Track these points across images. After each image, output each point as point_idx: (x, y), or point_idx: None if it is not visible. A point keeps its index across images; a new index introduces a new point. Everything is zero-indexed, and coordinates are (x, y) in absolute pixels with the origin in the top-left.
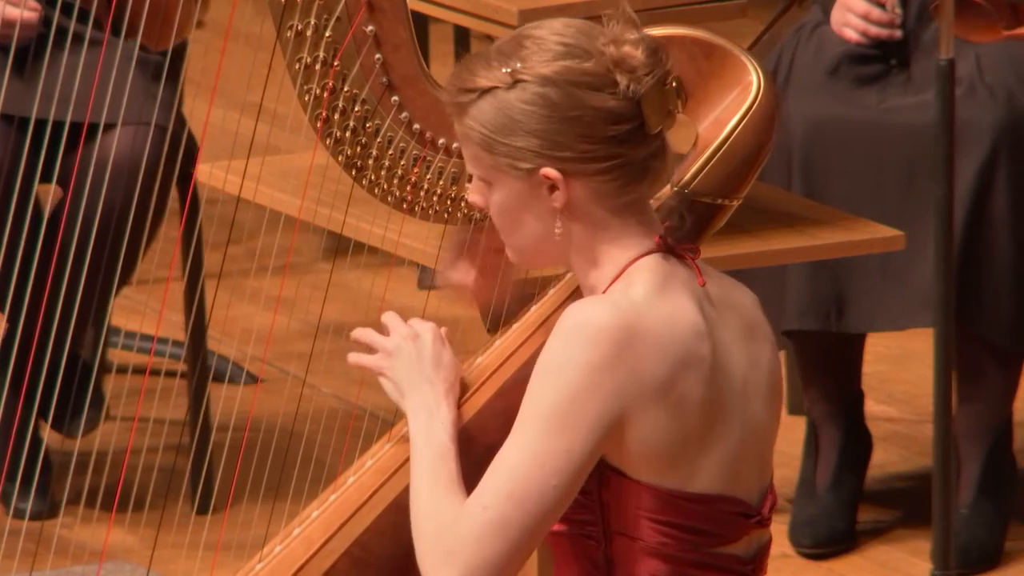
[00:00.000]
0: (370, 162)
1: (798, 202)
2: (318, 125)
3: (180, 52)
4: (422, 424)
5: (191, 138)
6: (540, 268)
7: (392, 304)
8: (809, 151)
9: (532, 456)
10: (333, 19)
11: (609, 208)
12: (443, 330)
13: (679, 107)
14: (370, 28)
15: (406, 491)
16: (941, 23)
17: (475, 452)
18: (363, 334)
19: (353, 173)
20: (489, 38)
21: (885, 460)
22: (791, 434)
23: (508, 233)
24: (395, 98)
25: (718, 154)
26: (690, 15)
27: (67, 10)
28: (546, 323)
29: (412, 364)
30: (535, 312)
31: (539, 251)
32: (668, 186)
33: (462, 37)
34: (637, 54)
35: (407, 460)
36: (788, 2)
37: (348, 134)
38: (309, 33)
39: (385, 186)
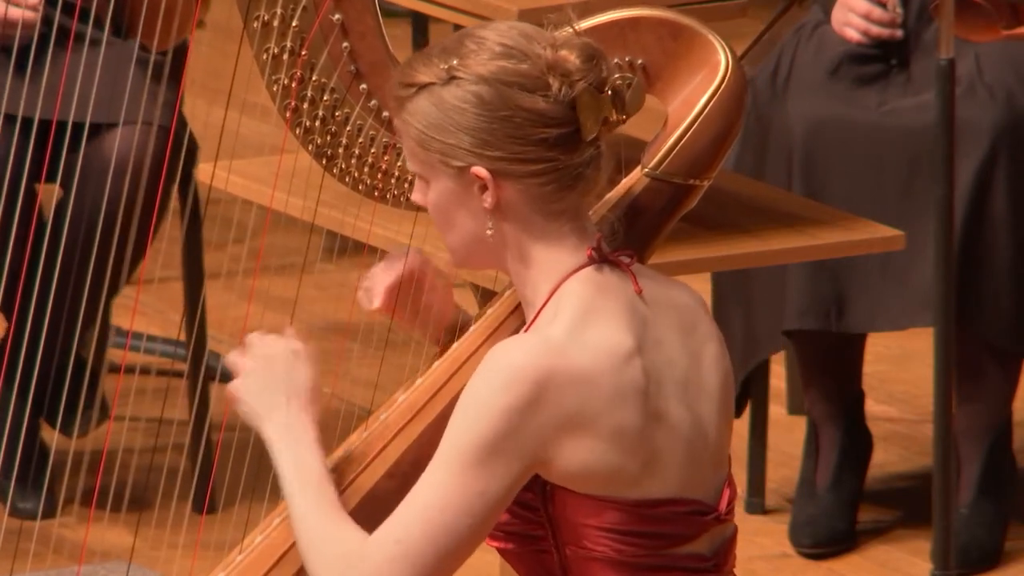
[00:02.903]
0: (340, 151)
1: (798, 202)
2: (287, 115)
3: (181, 52)
4: (289, 448)
5: (191, 138)
6: (477, 268)
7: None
8: (809, 151)
9: (447, 495)
10: (299, 8)
11: (542, 213)
12: (299, 347)
13: (616, 116)
14: (337, 16)
15: (381, 481)
16: (941, 23)
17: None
18: (229, 359)
19: (324, 162)
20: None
21: (885, 460)
22: (791, 434)
23: (443, 231)
24: (363, 86)
25: (687, 134)
26: (690, 15)
27: (68, 10)
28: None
29: (264, 385)
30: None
31: (472, 251)
32: (638, 168)
33: None
34: (572, 58)
35: (382, 450)
36: (788, 2)
37: (318, 123)
38: (276, 23)
39: (356, 174)
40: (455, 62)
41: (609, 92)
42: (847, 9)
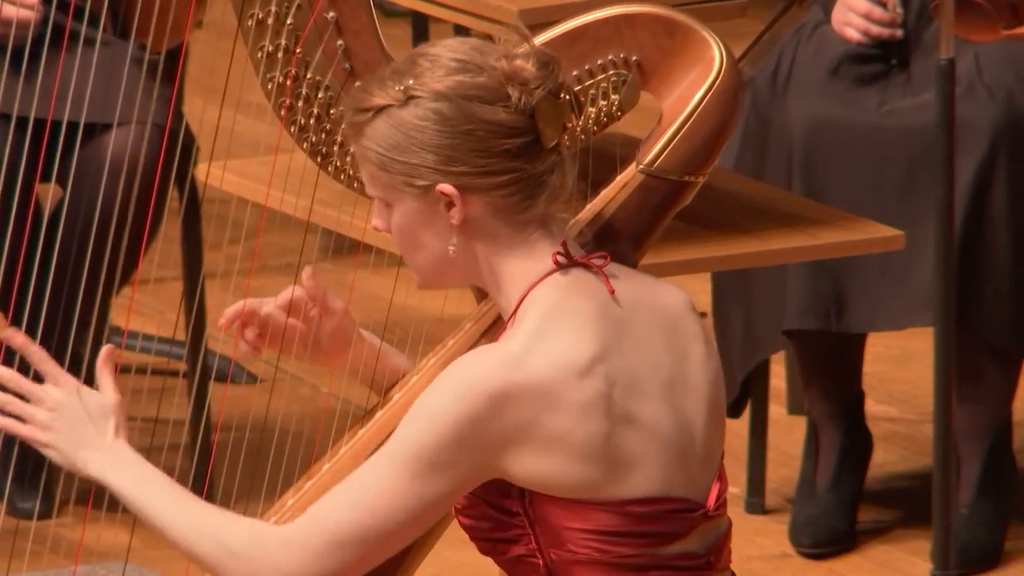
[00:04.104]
0: (335, 148)
1: (798, 202)
2: (282, 113)
3: (180, 51)
4: (124, 471)
5: (190, 137)
6: (446, 288)
7: (393, 304)
8: (809, 151)
9: (387, 493)
10: (294, 7)
11: (509, 224)
12: (72, 382)
13: (574, 121)
14: (331, 15)
15: None
16: (941, 23)
17: None
18: (6, 402)
19: (319, 160)
20: (489, 38)
21: (885, 460)
22: (791, 434)
23: (410, 254)
24: (358, 84)
25: (682, 131)
26: (689, 14)
27: (66, 9)
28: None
29: (71, 432)
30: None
31: (441, 271)
32: (633, 165)
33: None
34: (528, 67)
35: (381, 444)
36: (788, 2)
37: (312, 121)
38: (270, 21)
39: (350, 172)
40: (411, 82)
41: (567, 97)
42: (847, 9)
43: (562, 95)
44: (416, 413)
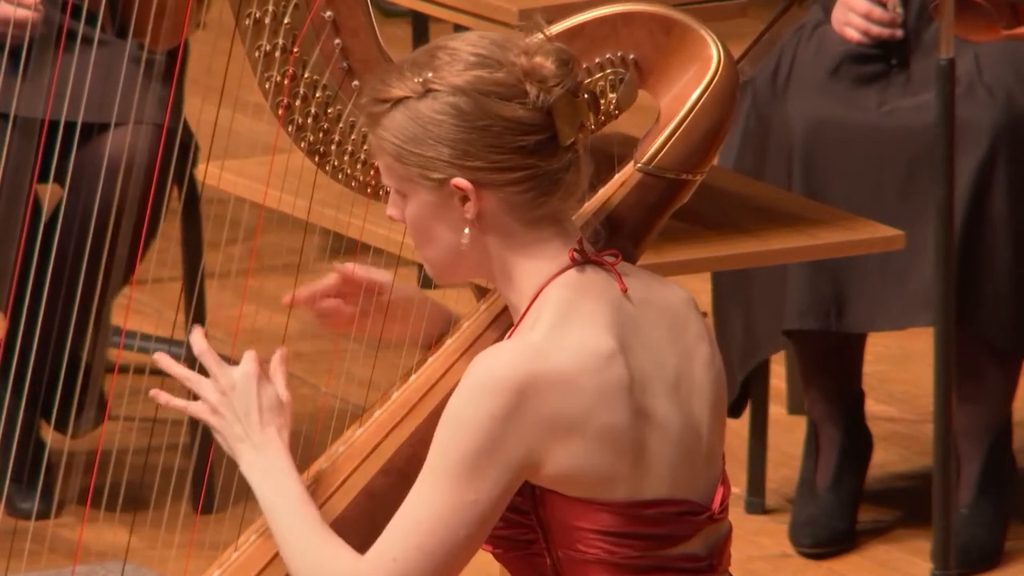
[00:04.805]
0: (333, 148)
1: (798, 202)
2: (280, 112)
3: (181, 51)
4: (267, 473)
5: (189, 136)
6: (458, 281)
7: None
8: (809, 151)
9: (439, 509)
10: (291, 6)
11: (522, 220)
12: (256, 368)
13: (592, 120)
14: (328, 14)
15: (377, 478)
16: (941, 23)
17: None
18: (181, 374)
19: (316, 160)
20: None
21: (885, 460)
22: (791, 434)
23: (422, 246)
24: (356, 83)
25: (680, 129)
26: (688, 14)
27: (66, 8)
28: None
29: (234, 419)
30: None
31: (453, 264)
32: (631, 164)
33: None
34: (548, 64)
35: (377, 446)
36: (788, 2)
37: (310, 120)
38: (267, 20)
39: (348, 171)
40: (430, 75)
41: (585, 96)
42: (847, 9)
43: (581, 94)
44: (446, 423)
